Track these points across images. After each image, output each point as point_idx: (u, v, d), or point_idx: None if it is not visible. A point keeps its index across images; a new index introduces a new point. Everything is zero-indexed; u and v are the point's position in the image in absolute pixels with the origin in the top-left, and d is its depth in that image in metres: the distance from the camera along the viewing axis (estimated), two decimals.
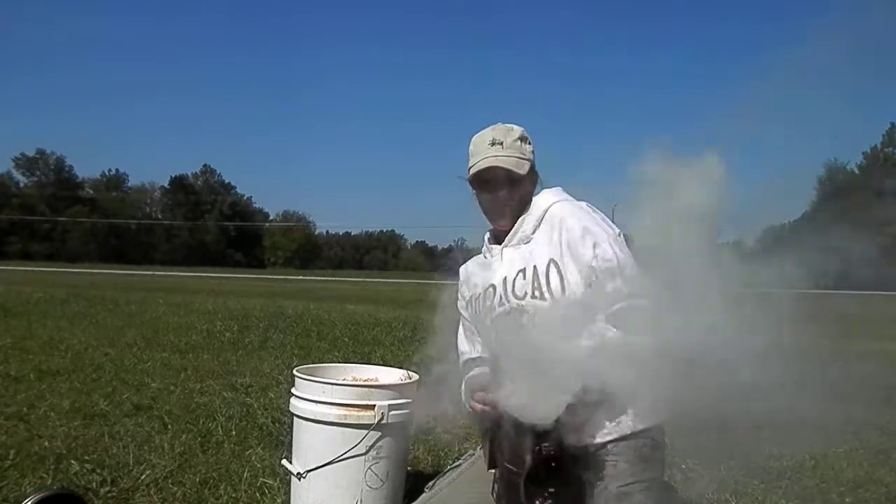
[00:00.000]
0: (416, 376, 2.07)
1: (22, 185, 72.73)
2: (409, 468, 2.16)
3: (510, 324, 1.62)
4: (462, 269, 1.86)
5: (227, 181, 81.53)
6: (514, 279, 1.65)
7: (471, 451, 1.92)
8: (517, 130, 1.70)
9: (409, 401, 1.94)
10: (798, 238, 1.39)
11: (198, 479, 2.44)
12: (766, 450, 3.41)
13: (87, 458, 2.62)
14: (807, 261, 1.29)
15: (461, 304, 1.83)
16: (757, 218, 1.49)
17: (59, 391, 3.83)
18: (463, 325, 1.84)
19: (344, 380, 2.04)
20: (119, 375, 4.39)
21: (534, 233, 1.68)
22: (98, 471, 2.46)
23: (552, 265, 1.61)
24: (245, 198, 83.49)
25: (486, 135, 1.70)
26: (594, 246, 1.57)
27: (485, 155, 1.66)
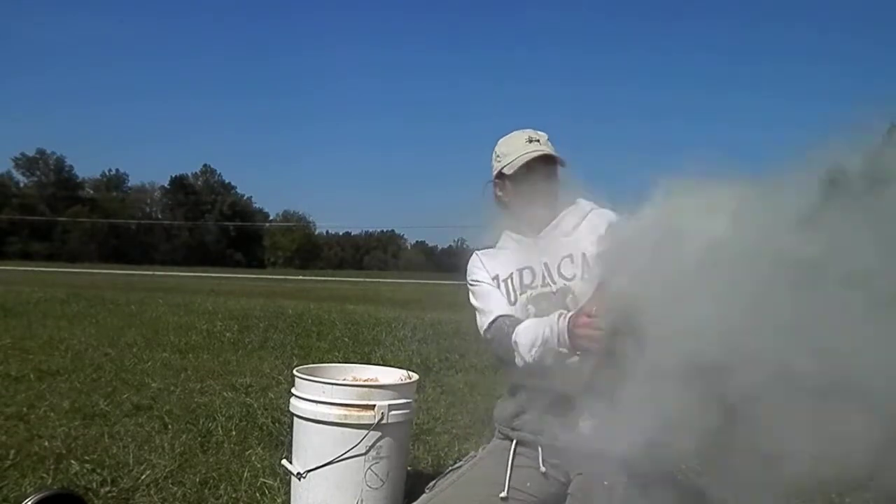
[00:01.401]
0: (415, 376, 2.07)
1: (22, 185, 72.76)
2: (409, 468, 2.16)
3: (555, 303, 1.68)
4: (478, 254, 1.88)
5: (227, 181, 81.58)
6: (560, 263, 1.72)
7: (472, 453, 1.92)
8: (545, 134, 1.81)
9: (409, 401, 1.94)
10: None
11: (198, 479, 2.44)
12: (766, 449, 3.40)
13: (87, 458, 2.62)
14: None
15: (481, 274, 1.83)
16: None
17: (59, 391, 3.83)
18: (482, 287, 1.82)
19: (344, 380, 2.04)
20: (119, 375, 4.39)
21: (574, 230, 1.76)
22: (98, 471, 2.46)
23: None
24: (245, 198, 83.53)
25: (519, 135, 1.80)
26: None
27: (527, 150, 1.74)
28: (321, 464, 1.85)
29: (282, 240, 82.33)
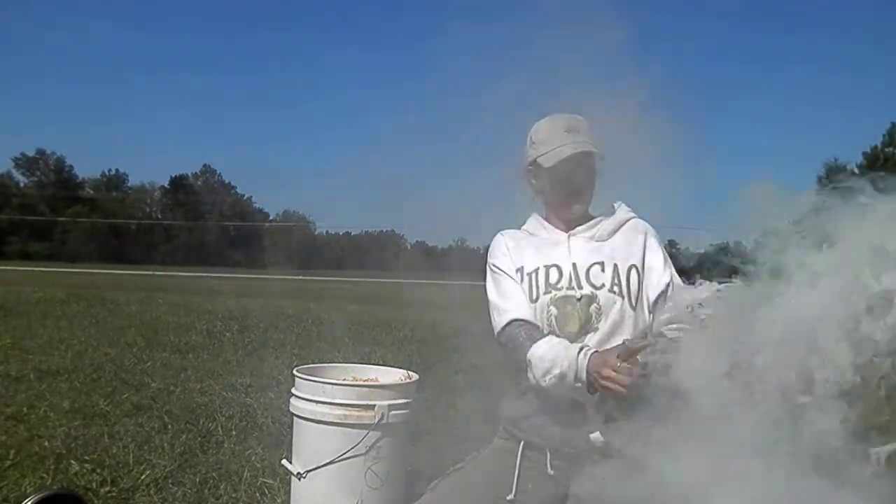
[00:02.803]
0: (415, 376, 2.07)
1: (22, 185, 72.75)
2: (408, 468, 2.16)
3: (579, 308, 1.63)
4: (504, 236, 1.81)
5: (227, 181, 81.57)
6: (589, 268, 1.66)
7: (474, 453, 1.90)
8: (584, 120, 1.71)
9: (409, 401, 1.94)
10: None
11: (198, 479, 2.44)
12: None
13: (87, 458, 2.62)
14: None
15: (505, 263, 1.75)
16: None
17: (59, 391, 3.83)
18: (503, 280, 1.73)
19: (344, 380, 2.04)
20: (119, 375, 4.39)
21: (609, 238, 1.70)
22: (98, 471, 2.46)
23: (633, 270, 1.65)
24: (245, 198, 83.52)
25: (557, 122, 1.70)
26: (671, 279, 1.66)
27: (566, 141, 1.65)
28: (321, 464, 1.85)
29: (282, 240, 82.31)
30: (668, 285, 1.66)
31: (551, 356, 1.56)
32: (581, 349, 1.53)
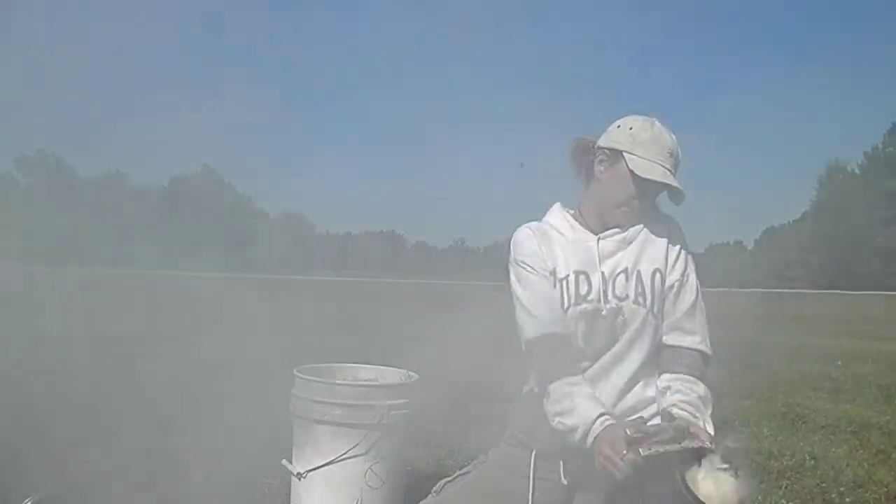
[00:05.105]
0: (415, 376, 2.07)
1: (22, 185, 72.86)
2: (408, 468, 2.16)
3: (605, 325, 1.58)
4: (531, 229, 1.70)
5: (227, 181, 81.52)
6: (616, 277, 1.61)
7: (481, 457, 1.84)
8: (678, 147, 1.62)
9: (409, 401, 1.94)
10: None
11: (199, 479, 2.44)
12: (766, 449, 3.41)
13: (86, 458, 2.62)
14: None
15: (536, 260, 1.65)
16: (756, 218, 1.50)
17: (59, 390, 3.82)
18: (534, 279, 1.64)
19: (344, 380, 2.05)
20: (118, 375, 4.39)
21: (636, 240, 1.65)
22: (98, 471, 2.46)
23: (657, 274, 1.61)
24: (245, 198, 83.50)
25: (666, 139, 1.60)
26: (692, 304, 1.64)
27: (663, 164, 1.57)
28: (321, 464, 1.85)
29: (281, 240, 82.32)
30: (691, 305, 1.63)
31: (570, 404, 1.51)
32: (600, 416, 1.47)
